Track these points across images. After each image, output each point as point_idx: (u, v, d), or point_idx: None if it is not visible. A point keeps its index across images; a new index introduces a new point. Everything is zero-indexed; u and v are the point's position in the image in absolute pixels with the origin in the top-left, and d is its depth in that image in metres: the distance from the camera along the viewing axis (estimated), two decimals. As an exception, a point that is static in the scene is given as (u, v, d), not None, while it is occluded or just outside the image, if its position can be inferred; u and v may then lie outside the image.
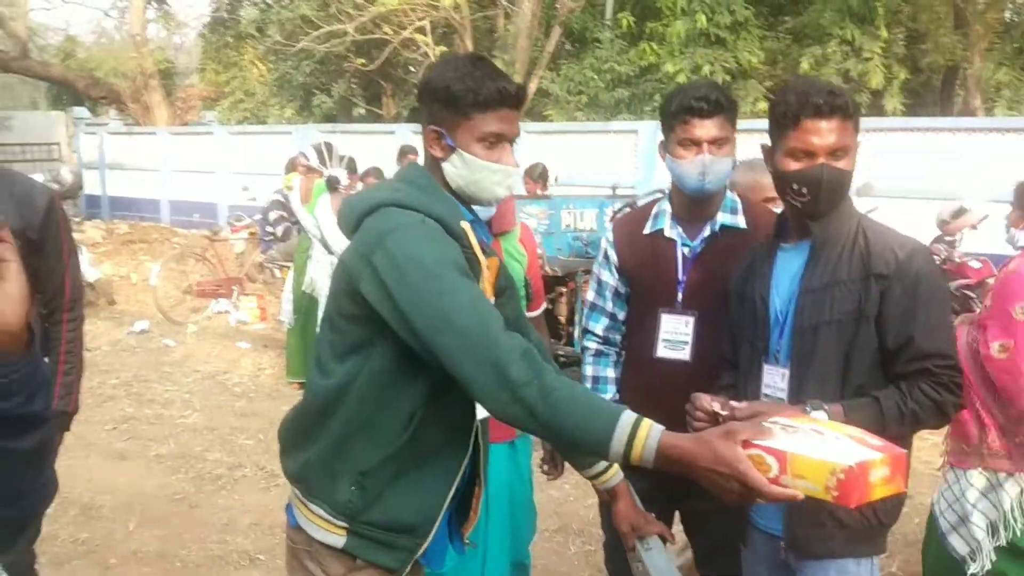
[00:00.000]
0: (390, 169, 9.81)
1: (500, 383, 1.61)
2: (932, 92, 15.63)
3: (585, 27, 14.78)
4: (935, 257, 7.46)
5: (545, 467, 3.07)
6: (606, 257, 2.70)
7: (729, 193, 2.59)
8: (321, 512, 1.88)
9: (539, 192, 7.42)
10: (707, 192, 2.49)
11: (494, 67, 1.90)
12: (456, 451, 1.97)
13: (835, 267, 2.09)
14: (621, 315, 2.70)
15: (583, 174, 11.12)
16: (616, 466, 2.24)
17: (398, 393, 1.84)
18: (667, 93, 2.58)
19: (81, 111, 20.77)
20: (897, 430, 2.02)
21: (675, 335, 2.55)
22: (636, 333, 2.66)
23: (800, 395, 2.10)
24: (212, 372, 7.58)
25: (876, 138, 10.44)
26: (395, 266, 1.73)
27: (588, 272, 5.29)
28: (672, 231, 2.57)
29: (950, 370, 2.01)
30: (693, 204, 2.56)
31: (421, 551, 1.94)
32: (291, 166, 7.21)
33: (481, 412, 1.97)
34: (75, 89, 21.34)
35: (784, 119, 2.06)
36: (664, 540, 2.25)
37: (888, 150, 10.31)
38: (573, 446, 1.86)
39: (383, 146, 13.65)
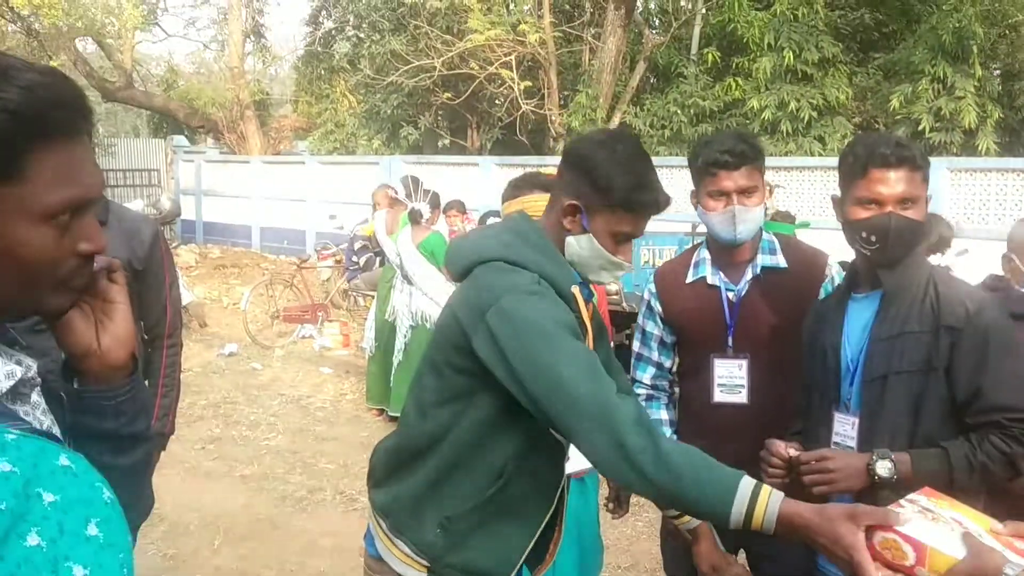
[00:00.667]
0: (474, 201, 10.01)
1: (616, 451, 1.63)
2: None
3: (670, 62, 14.79)
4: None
5: (610, 505, 3.11)
6: (650, 308, 2.73)
7: (765, 234, 2.62)
8: (405, 548, 1.95)
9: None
10: (740, 242, 2.54)
11: (650, 164, 1.94)
12: (541, 504, 2.02)
13: (905, 318, 2.10)
14: (667, 363, 2.74)
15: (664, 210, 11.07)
16: None
17: (493, 445, 1.90)
18: (694, 145, 2.61)
19: (180, 139, 21.63)
20: (965, 482, 2.02)
21: (730, 379, 2.58)
22: (691, 381, 2.69)
23: (869, 444, 2.11)
24: (296, 396, 7.81)
25: (968, 178, 10.21)
26: (511, 327, 1.76)
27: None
28: (714, 277, 2.60)
29: (1022, 423, 2.00)
30: (729, 251, 2.60)
31: None
32: (379, 200, 7.43)
33: (570, 467, 2.05)
34: (175, 118, 22.23)
35: (853, 169, 2.11)
36: None
37: (981, 190, 10.07)
38: (690, 511, 1.87)
39: (468, 177, 13.91)
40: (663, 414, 2.74)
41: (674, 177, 12.36)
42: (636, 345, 2.80)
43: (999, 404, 2.00)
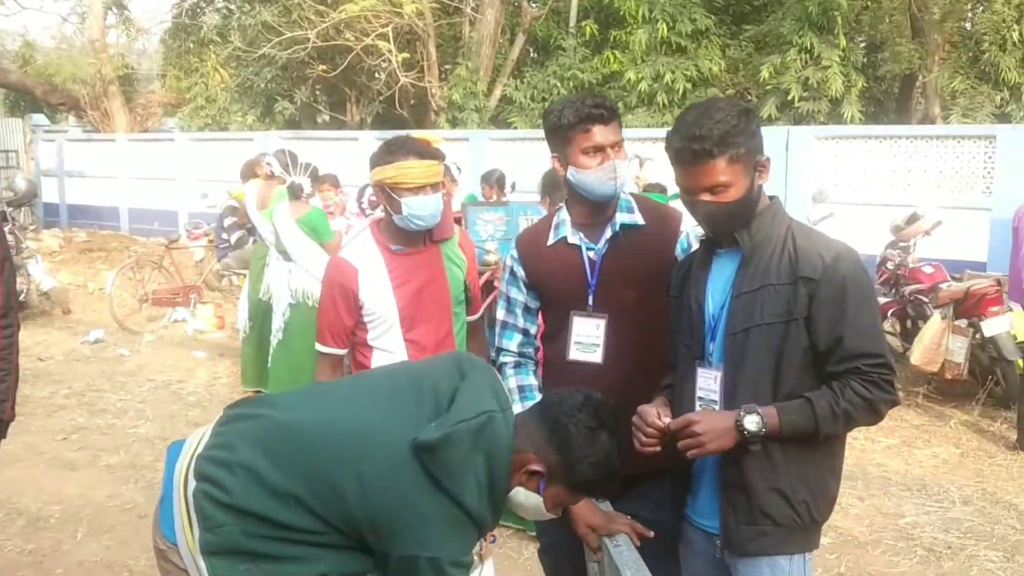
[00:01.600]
0: (355, 176, 9.75)
1: None
2: (891, 100, 15.84)
3: (549, 35, 14.81)
4: (889, 263, 7.62)
5: None
6: (513, 274, 2.69)
7: (622, 194, 2.62)
8: (203, 567, 1.92)
9: (495, 198, 7.41)
10: (617, 195, 2.56)
11: (617, 451, 2.04)
12: None
13: (765, 271, 2.11)
14: (533, 329, 2.72)
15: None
16: None
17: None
18: (550, 108, 2.57)
19: (39, 118, 20.47)
20: (830, 429, 2.06)
21: (586, 338, 2.58)
22: (552, 341, 2.67)
23: (733, 397, 2.13)
24: (166, 381, 7.48)
25: (834, 145, 10.57)
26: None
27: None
28: (575, 237, 2.59)
29: (880, 368, 2.04)
30: (595, 210, 2.59)
31: None
32: (247, 170, 7.12)
33: None
34: (33, 95, 21.01)
35: (675, 162, 2.14)
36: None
37: (846, 157, 10.44)
38: None
39: (347, 153, 13.60)
40: (532, 380, 2.70)
41: (554, 149, 12.41)
42: (501, 313, 2.74)
43: (858, 351, 2.03)
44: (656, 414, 2.14)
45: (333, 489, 1.87)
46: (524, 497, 2.01)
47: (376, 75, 15.52)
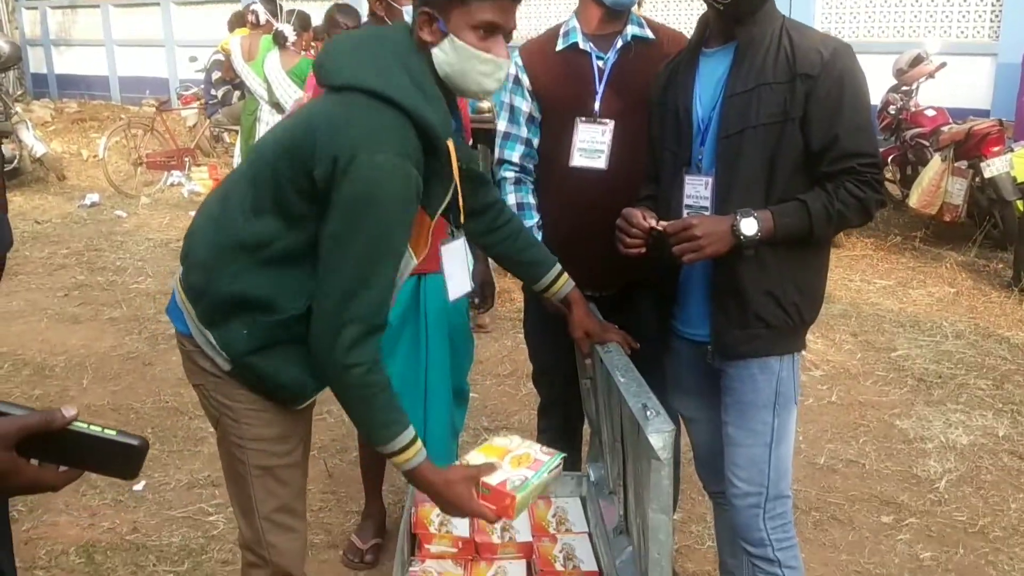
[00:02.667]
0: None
1: (331, 348, 1.70)
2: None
3: None
4: (891, 107, 7.49)
5: (476, 300, 3.09)
6: (517, 82, 2.64)
7: (633, 10, 2.59)
8: (210, 338, 1.85)
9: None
10: (623, 7, 2.52)
11: None
12: None
13: (760, 70, 2.04)
14: (535, 141, 2.67)
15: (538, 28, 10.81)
16: (566, 276, 2.27)
17: (304, 273, 1.79)
18: None
19: (19, -16, 19.78)
20: (824, 231, 2.04)
21: (591, 144, 2.55)
22: (552, 149, 2.63)
23: (725, 202, 2.08)
24: (164, 240, 7.48)
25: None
26: (352, 191, 1.67)
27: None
28: (585, 44, 2.57)
29: (872, 168, 2.01)
30: (606, 20, 2.56)
31: (306, 402, 1.95)
32: (235, 21, 6.92)
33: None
34: (11, -39, 20.25)
35: None
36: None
37: (849, 2, 10.12)
38: (359, 428, 1.95)
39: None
40: (531, 198, 2.68)
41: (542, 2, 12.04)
42: (503, 125, 2.70)
43: (853, 150, 2.00)
44: (642, 215, 2.12)
45: (272, 168, 1.79)
46: (443, 53, 1.81)
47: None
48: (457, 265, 2.21)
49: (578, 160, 2.55)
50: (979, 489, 3.51)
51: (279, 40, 6.01)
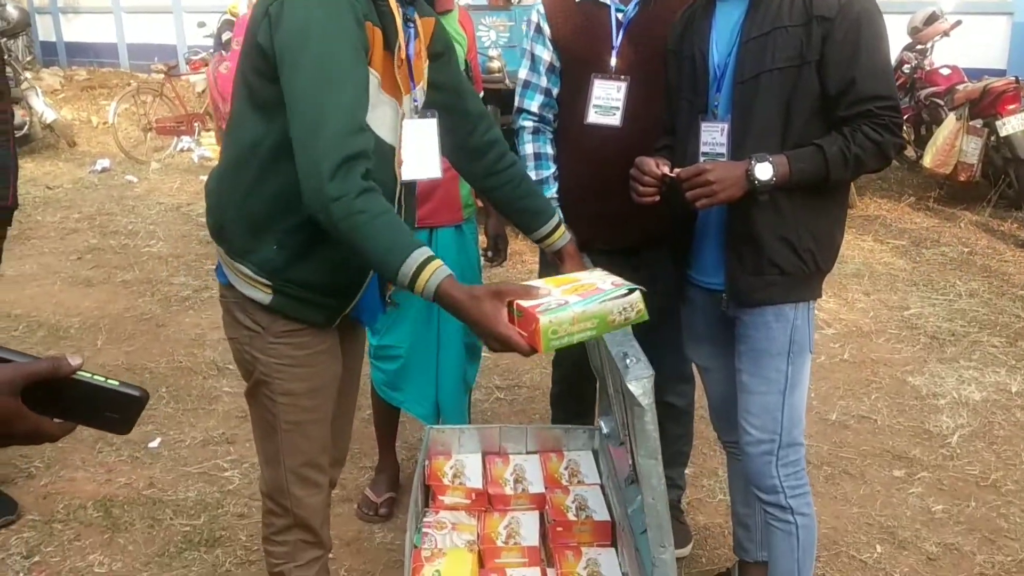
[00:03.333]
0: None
1: (316, 189, 1.60)
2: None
3: None
4: (905, 66, 7.40)
5: (489, 253, 3.09)
6: (539, 30, 2.61)
7: None
8: (246, 270, 1.83)
9: (501, 2, 7.15)
10: None
11: None
12: None
13: (776, 14, 2.02)
14: (556, 91, 2.64)
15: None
16: (563, 227, 2.24)
17: None
18: None
19: (26, -49, 19.66)
20: (841, 175, 2.01)
21: (607, 100, 2.52)
22: (569, 104, 2.60)
23: (740, 148, 2.06)
24: (176, 204, 7.49)
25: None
26: (286, 29, 1.64)
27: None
28: None
29: (890, 111, 1.99)
30: None
31: (349, 308, 1.94)
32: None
33: (406, 174, 1.93)
34: (17, -72, 20.11)
35: None
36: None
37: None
38: (367, 266, 1.84)
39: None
40: (549, 148, 2.66)
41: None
42: (524, 72, 2.67)
43: (871, 93, 1.97)
44: (655, 163, 2.11)
45: (248, 43, 1.75)
46: None
47: None
48: (417, 146, 2.02)
49: (593, 117, 2.52)
50: (991, 444, 3.50)
51: None
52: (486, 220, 3.09)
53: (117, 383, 1.01)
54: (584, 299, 1.64)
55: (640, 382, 1.72)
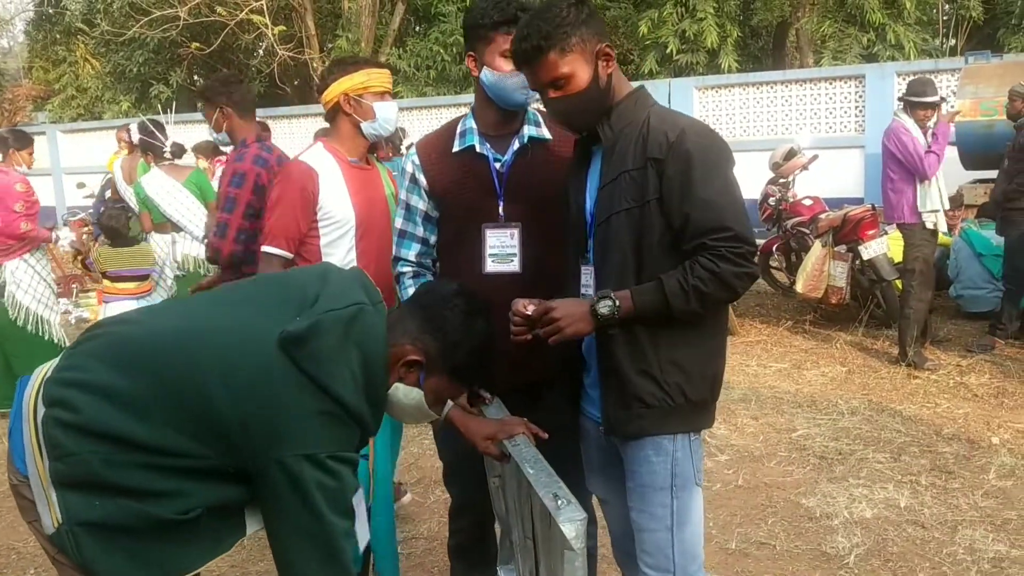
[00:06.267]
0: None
1: None
2: (767, 56, 16.27)
3: (429, 2, 14.68)
4: (771, 199, 7.83)
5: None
6: (414, 180, 2.60)
7: (530, 107, 2.57)
8: (52, 497, 1.75)
9: (390, 156, 7.34)
10: (527, 104, 2.51)
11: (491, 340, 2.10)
12: (234, 532, 1.93)
13: (622, 159, 2.11)
14: (432, 239, 2.66)
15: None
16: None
17: (188, 492, 1.80)
18: (473, 5, 2.52)
19: None
20: (683, 306, 2.02)
21: (502, 248, 2.55)
22: (454, 253, 2.62)
23: (603, 287, 2.13)
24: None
25: (714, 94, 10.80)
26: (293, 494, 1.76)
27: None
28: (482, 147, 2.54)
29: (728, 242, 2.00)
30: (503, 119, 2.55)
31: None
32: (118, 141, 6.86)
33: None
34: None
35: (518, 67, 2.19)
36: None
37: (725, 105, 10.68)
38: None
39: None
40: None
41: (445, 116, 12.34)
42: (399, 222, 2.66)
43: (706, 226, 2.01)
44: (523, 304, 2.14)
45: (198, 393, 1.74)
46: (404, 394, 1.98)
47: (255, 52, 15.15)
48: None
49: (491, 267, 2.54)
50: (887, 561, 3.54)
51: (176, 153, 5.95)
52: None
53: None
54: None
55: (573, 524, 1.69)
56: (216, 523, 1.84)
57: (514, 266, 2.54)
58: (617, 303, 2.03)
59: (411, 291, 2.64)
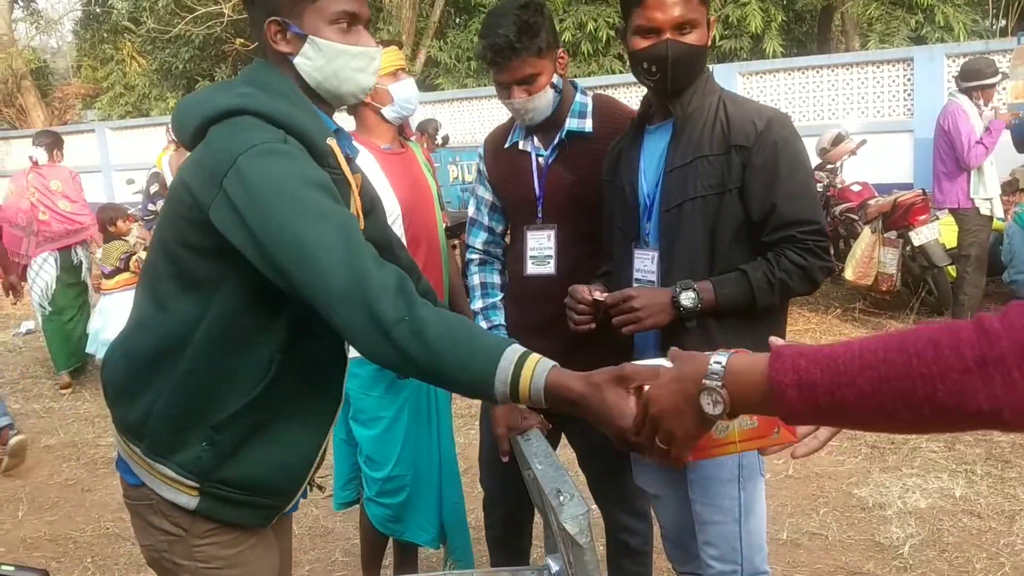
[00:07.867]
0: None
1: (370, 323, 1.40)
2: (812, 41, 16.02)
3: (469, -6, 14.69)
4: (818, 184, 7.73)
5: None
6: (479, 171, 2.69)
7: (579, 96, 2.53)
8: (168, 471, 1.63)
9: (426, 146, 7.37)
10: (536, 124, 2.48)
11: None
12: (326, 400, 1.77)
13: (697, 143, 2.06)
14: (499, 228, 2.69)
15: (476, 138, 11.05)
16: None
17: (254, 335, 1.60)
18: (479, 31, 2.49)
19: (-49, 119, 19.76)
20: (767, 300, 2.02)
21: (540, 250, 2.54)
22: (512, 250, 2.66)
23: (669, 275, 2.09)
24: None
25: (759, 80, 10.66)
26: (251, 190, 1.46)
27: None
28: (526, 143, 2.54)
29: (814, 235, 2.01)
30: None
31: (290, 506, 1.79)
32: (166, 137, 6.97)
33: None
34: (-58, 97, 20.27)
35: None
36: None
37: (770, 91, 10.53)
38: (456, 387, 1.50)
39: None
40: (496, 278, 2.70)
41: (485, 107, 12.35)
42: (471, 210, 2.74)
43: (792, 218, 2.00)
44: (587, 290, 2.12)
45: (177, 219, 1.58)
46: (306, 60, 1.65)
47: (297, 48, 15.26)
48: None
49: (531, 269, 2.54)
50: (943, 552, 3.48)
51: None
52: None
53: (12, 568, 0.94)
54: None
55: (576, 520, 1.66)
56: (302, 377, 1.68)
57: (549, 268, 2.53)
58: (701, 295, 1.99)
59: (476, 279, 2.68)
